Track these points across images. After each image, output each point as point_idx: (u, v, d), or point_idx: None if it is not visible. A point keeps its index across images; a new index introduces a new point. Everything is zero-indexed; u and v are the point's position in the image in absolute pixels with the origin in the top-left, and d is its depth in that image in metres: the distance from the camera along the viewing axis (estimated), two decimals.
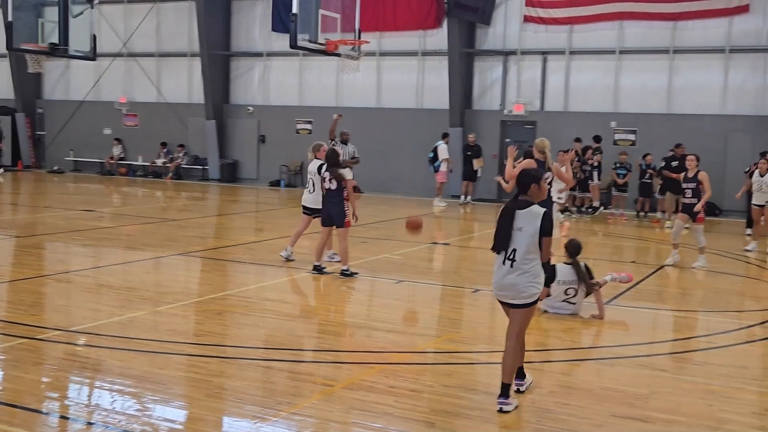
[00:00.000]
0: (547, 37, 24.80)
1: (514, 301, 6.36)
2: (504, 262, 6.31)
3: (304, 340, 8.27)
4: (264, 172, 29.16)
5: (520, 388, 6.69)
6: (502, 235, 6.29)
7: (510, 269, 6.27)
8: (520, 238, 6.22)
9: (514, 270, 6.26)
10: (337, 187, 11.45)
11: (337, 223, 11.56)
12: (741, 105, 22.64)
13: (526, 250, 6.22)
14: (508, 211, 6.33)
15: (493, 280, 6.46)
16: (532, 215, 6.24)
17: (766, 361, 8.28)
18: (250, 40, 29.47)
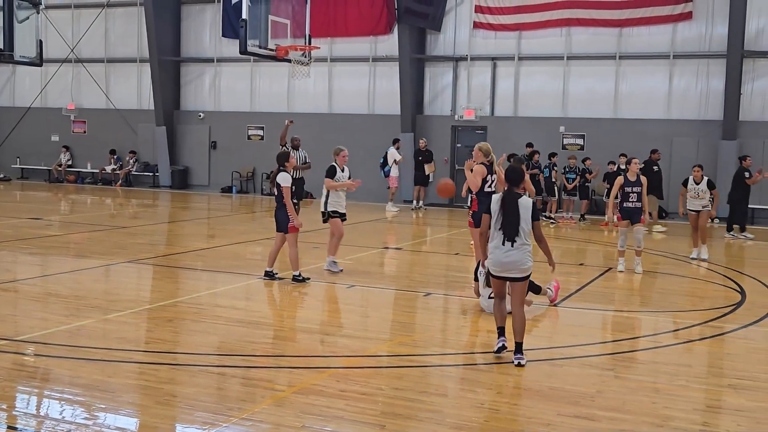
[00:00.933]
0: (497, 43, 25.10)
1: (516, 275, 7.75)
2: (504, 243, 7.73)
3: (255, 346, 8.26)
4: (215, 178, 28.99)
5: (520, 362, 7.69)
6: (513, 222, 7.71)
7: (511, 248, 7.71)
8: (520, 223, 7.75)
9: (515, 249, 7.70)
10: (278, 192, 11.46)
11: (282, 228, 11.61)
12: (685, 109, 23.15)
13: (523, 233, 7.72)
14: (511, 201, 7.76)
15: (493, 261, 7.83)
16: (526, 204, 7.78)
17: (709, 359, 8.49)
18: (200, 46, 29.30)
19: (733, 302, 11.03)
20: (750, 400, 6.88)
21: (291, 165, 11.88)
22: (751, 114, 22.37)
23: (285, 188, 11.45)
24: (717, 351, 8.73)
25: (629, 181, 13.34)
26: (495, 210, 7.87)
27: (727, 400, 6.95)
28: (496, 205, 7.87)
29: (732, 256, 16.79)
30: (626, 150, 22.02)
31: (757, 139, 22.11)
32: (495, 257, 7.81)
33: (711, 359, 8.46)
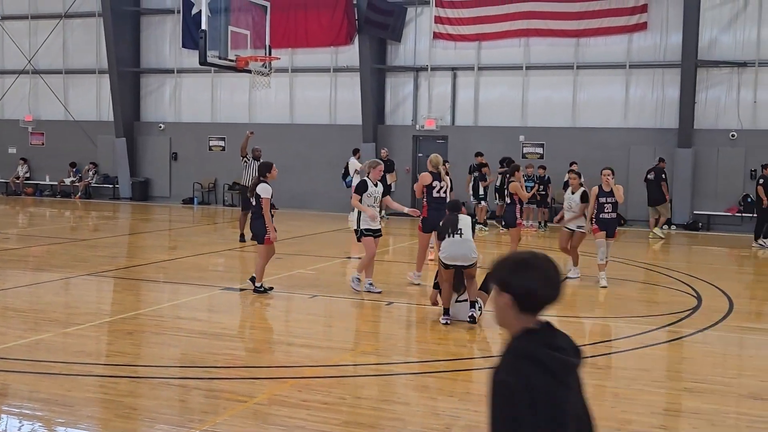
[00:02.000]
0: (456, 53, 25.31)
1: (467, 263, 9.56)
2: (453, 236, 9.62)
3: (217, 357, 8.24)
4: (177, 189, 28.79)
5: (473, 315, 9.64)
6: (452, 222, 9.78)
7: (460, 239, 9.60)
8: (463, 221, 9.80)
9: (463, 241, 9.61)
10: (256, 203, 11.43)
11: (258, 239, 11.56)
12: (641, 118, 23.54)
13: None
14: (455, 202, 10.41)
15: (447, 254, 9.53)
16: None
17: (667, 363, 8.64)
18: (160, 57, 29.13)
19: (690, 307, 11.23)
20: (706, 402, 7.02)
21: (273, 176, 11.74)
22: (705, 122, 22.81)
23: (265, 200, 11.36)
24: (674, 355, 8.89)
25: (603, 191, 12.88)
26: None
27: (684, 403, 7.08)
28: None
29: (689, 262, 17.09)
30: (584, 158, 22.40)
31: (712, 146, 22.55)
32: (447, 251, 9.58)
33: (668, 363, 8.61)
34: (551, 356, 2.69)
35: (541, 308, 2.80)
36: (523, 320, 2.78)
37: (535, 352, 2.69)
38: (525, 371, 2.64)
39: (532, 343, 2.72)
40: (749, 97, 22.49)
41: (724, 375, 8.06)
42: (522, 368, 2.65)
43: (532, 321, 2.78)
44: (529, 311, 2.78)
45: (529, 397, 2.60)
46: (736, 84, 22.63)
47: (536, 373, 2.64)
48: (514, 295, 2.75)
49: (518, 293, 2.75)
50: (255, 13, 17.26)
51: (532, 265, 2.78)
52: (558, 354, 2.71)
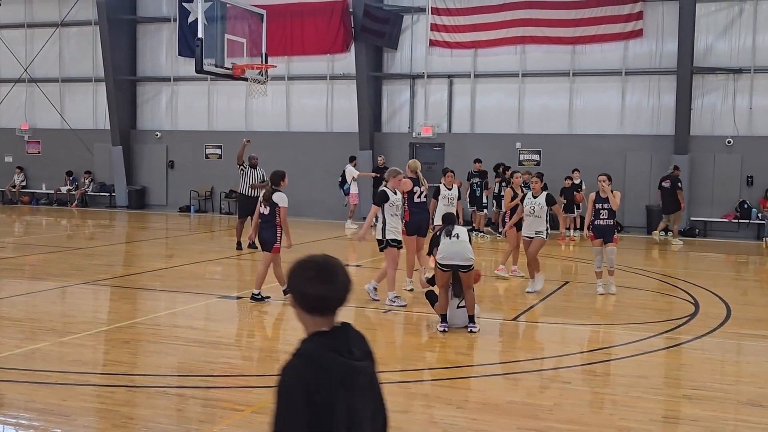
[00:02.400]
0: (453, 60, 25.34)
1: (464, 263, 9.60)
2: (451, 237, 9.74)
3: (214, 366, 8.21)
4: (173, 197, 28.76)
5: (472, 330, 9.68)
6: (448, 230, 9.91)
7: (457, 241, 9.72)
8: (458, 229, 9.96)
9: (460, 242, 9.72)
10: (269, 212, 11.38)
11: (266, 247, 11.47)
12: (638, 125, 23.57)
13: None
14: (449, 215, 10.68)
15: (444, 255, 9.66)
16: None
17: (665, 370, 8.63)
18: (156, 65, 29.14)
19: (687, 314, 11.22)
20: (704, 410, 7.01)
21: (285, 184, 11.65)
22: (701, 129, 22.84)
23: (283, 208, 11.32)
24: (672, 362, 8.87)
25: (600, 197, 12.70)
26: None
27: (682, 410, 7.06)
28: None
29: (685, 268, 17.09)
30: (581, 164, 22.42)
31: (708, 153, 22.58)
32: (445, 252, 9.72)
33: (666, 370, 8.59)
34: (332, 359, 2.84)
35: (327, 310, 2.93)
36: (313, 322, 2.92)
37: (314, 355, 2.84)
38: (303, 372, 2.81)
39: (315, 346, 2.86)
40: (745, 104, 22.54)
41: (723, 382, 8.05)
42: (301, 369, 2.82)
43: (324, 323, 2.92)
44: (317, 313, 2.91)
45: (305, 396, 2.78)
46: (731, 90, 22.68)
47: (313, 375, 2.80)
48: (298, 298, 2.92)
49: (300, 296, 2.91)
50: (251, 21, 17.27)
51: (314, 269, 2.93)
52: (341, 358, 2.85)
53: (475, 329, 9.67)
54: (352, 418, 2.88)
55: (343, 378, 2.85)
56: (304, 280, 2.91)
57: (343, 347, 2.89)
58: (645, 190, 23.09)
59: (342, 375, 2.85)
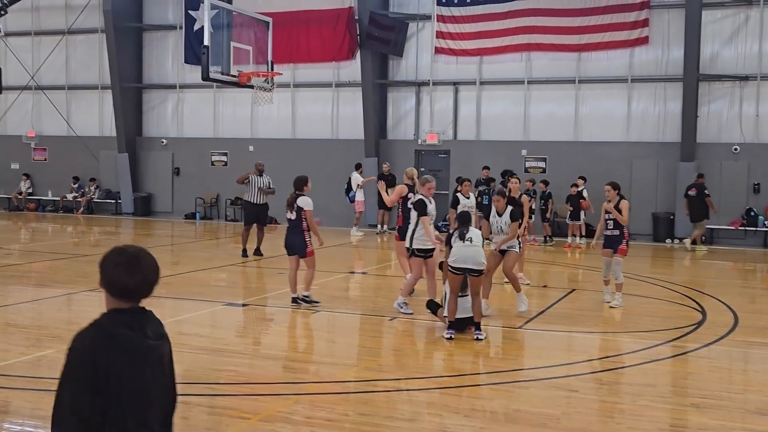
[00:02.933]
0: (458, 68, 25.35)
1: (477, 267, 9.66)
2: (464, 240, 9.72)
3: (220, 374, 8.19)
4: (179, 205, 28.80)
5: (479, 337, 9.65)
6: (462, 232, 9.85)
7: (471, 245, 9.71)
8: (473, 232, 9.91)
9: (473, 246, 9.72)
10: (296, 217, 11.57)
11: (300, 253, 11.67)
12: (644, 132, 23.54)
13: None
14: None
15: (457, 258, 9.65)
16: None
17: (672, 378, 8.59)
18: (162, 72, 29.21)
19: (695, 322, 11.18)
20: (713, 418, 6.97)
21: (308, 189, 11.89)
22: (707, 136, 22.80)
23: (308, 212, 11.59)
24: (680, 370, 8.83)
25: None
26: None
27: (690, 419, 7.02)
28: None
29: (692, 276, 17.04)
30: (586, 172, 22.38)
31: (715, 160, 22.53)
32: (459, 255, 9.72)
33: (674, 379, 8.55)
34: (124, 334, 3.08)
35: (131, 298, 3.17)
36: (116, 303, 3.16)
37: (108, 327, 3.08)
38: (96, 341, 3.04)
39: (110, 320, 3.12)
40: (752, 111, 22.50)
41: (730, 390, 8.01)
42: (93, 337, 3.05)
43: (126, 306, 3.17)
44: (117, 297, 3.15)
45: (93, 363, 2.98)
46: (738, 98, 22.64)
47: (105, 345, 3.03)
48: (105, 283, 3.15)
49: (107, 282, 3.15)
50: (257, 29, 17.31)
51: (124, 259, 3.16)
52: (133, 334, 3.09)
53: (481, 336, 9.66)
54: (140, 392, 3.09)
55: (133, 353, 3.07)
56: (114, 268, 3.14)
57: (137, 326, 3.12)
58: (651, 198, 23.05)
59: (132, 350, 3.07)
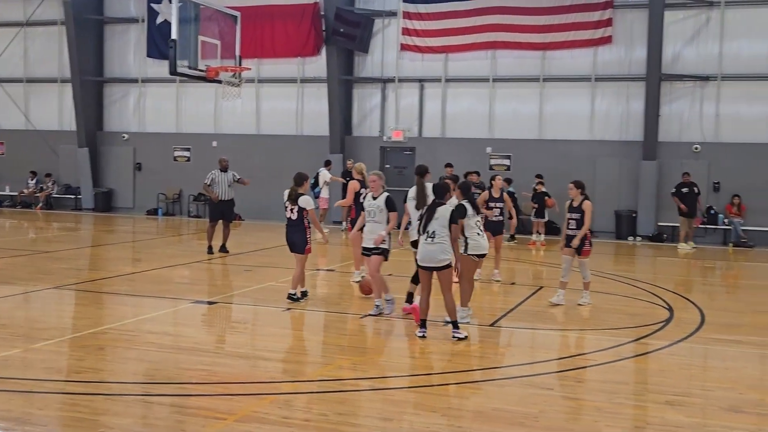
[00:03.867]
0: (424, 65, 25.35)
1: (435, 265, 9.52)
2: (426, 240, 9.55)
3: (192, 373, 8.05)
4: (140, 200, 28.42)
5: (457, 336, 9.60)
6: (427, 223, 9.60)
7: (430, 245, 9.51)
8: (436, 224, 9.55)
9: (433, 244, 9.50)
10: (298, 216, 11.70)
11: (299, 249, 11.81)
12: (607, 131, 23.76)
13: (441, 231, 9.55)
14: (431, 209, 9.73)
15: (419, 255, 9.69)
16: (445, 210, 9.67)
17: (644, 376, 8.63)
18: (124, 66, 28.78)
19: (662, 319, 11.28)
20: (688, 416, 7.02)
21: (306, 188, 12.07)
22: (669, 135, 23.08)
23: (311, 211, 11.78)
24: (651, 368, 8.88)
25: (572, 206, 12.20)
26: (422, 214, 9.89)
27: (666, 417, 7.05)
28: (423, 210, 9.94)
29: (655, 273, 17.23)
30: (550, 170, 22.53)
31: (676, 159, 22.81)
32: (419, 253, 9.73)
33: (646, 376, 8.59)
34: None
35: None
36: None
37: None
38: None
39: None
40: (712, 111, 22.82)
41: (703, 387, 8.08)
42: None
43: None
44: None
45: None
46: (699, 97, 22.96)
47: None
48: None
49: None
50: (224, 23, 17.09)
51: None
52: None
53: (460, 335, 9.61)
54: None
55: None
56: None
57: None
58: (614, 196, 23.28)
59: None
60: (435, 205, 9.76)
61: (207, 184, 17.13)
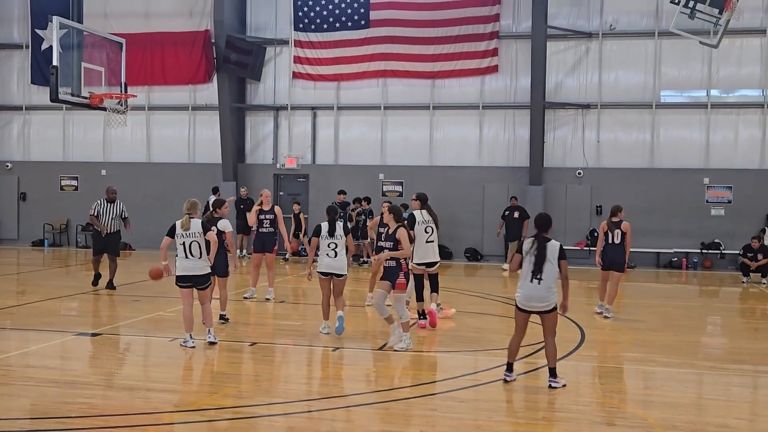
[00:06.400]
0: (316, 93, 25.56)
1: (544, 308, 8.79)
2: (532, 281, 8.71)
3: (71, 407, 7.87)
4: (26, 231, 27.47)
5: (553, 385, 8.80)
6: (539, 262, 8.68)
7: (538, 286, 8.69)
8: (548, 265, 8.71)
9: (542, 287, 8.68)
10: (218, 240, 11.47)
11: (220, 272, 12.01)
12: (495, 157, 24.45)
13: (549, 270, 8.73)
14: (541, 245, 8.75)
15: (523, 296, 8.81)
16: (553, 246, 8.83)
17: (525, 394, 8.90)
18: (6, 93, 27.91)
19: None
20: (562, 430, 7.30)
21: (224, 213, 12.11)
22: (554, 161, 23.94)
23: (228, 234, 11.94)
24: (532, 386, 9.17)
25: (386, 234, 11.07)
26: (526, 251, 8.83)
27: None
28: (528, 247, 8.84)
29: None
30: (441, 195, 22.97)
31: (561, 184, 23.67)
32: (524, 292, 8.85)
33: (527, 394, 8.86)
34: None
35: None
36: None
37: None
38: None
39: None
40: (593, 137, 23.81)
41: (578, 403, 8.40)
42: None
43: None
44: None
45: None
46: (581, 125, 23.92)
47: None
48: None
49: None
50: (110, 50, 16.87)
51: None
52: None
53: (557, 384, 8.80)
54: None
55: None
56: None
57: None
58: None
59: None
60: (544, 241, 8.83)
61: (92, 214, 16.56)
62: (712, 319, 15.35)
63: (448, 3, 24.22)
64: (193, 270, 10.60)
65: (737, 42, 22.92)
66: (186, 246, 10.56)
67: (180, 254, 10.62)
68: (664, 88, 23.60)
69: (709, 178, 23.16)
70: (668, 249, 23.09)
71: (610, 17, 23.72)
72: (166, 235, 10.72)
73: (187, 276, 10.61)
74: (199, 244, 10.58)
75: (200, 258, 10.61)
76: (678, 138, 23.51)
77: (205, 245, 10.64)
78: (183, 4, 25.93)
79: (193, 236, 10.55)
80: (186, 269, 10.60)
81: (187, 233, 10.56)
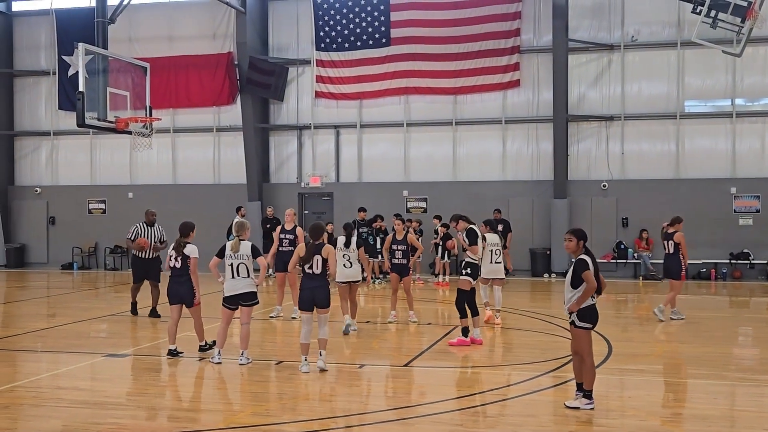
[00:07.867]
0: (339, 111, 25.73)
1: None
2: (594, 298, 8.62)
3: (101, 428, 7.95)
4: (55, 255, 27.82)
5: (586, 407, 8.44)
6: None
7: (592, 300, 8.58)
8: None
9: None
10: (182, 265, 11.27)
11: (187, 302, 11.38)
12: (519, 171, 24.43)
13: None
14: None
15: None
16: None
17: (552, 408, 8.87)
18: (35, 119, 28.37)
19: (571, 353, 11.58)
20: None
21: (192, 237, 11.58)
22: (578, 173, 23.87)
23: (194, 259, 11.26)
24: (560, 400, 9.12)
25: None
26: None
27: None
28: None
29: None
30: (466, 211, 22.77)
31: (586, 196, 23.59)
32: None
33: (554, 408, 8.83)
34: None
35: None
36: None
37: None
38: None
39: None
40: (617, 149, 23.73)
41: (608, 416, 8.35)
42: None
43: None
44: None
45: None
46: (604, 137, 23.86)
47: None
48: None
49: None
50: (134, 74, 17.11)
51: None
52: None
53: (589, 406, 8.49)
54: None
55: None
56: None
57: None
58: (528, 234, 23.86)
59: None
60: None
61: (129, 238, 16.05)
62: (743, 329, 15.18)
63: (468, 19, 24.32)
64: (240, 289, 10.82)
65: (761, 50, 22.81)
66: (234, 267, 10.82)
67: (227, 275, 10.86)
68: (688, 98, 23.49)
69: (736, 187, 22.98)
70: (696, 260, 22.87)
71: (631, 29, 23.70)
72: (216, 255, 11.00)
73: (233, 296, 10.85)
74: (246, 267, 10.80)
75: (247, 277, 10.84)
76: (703, 148, 23.37)
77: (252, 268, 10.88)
78: (206, 27, 26.26)
79: (241, 258, 10.81)
80: (233, 289, 10.84)
81: (237, 255, 10.81)
